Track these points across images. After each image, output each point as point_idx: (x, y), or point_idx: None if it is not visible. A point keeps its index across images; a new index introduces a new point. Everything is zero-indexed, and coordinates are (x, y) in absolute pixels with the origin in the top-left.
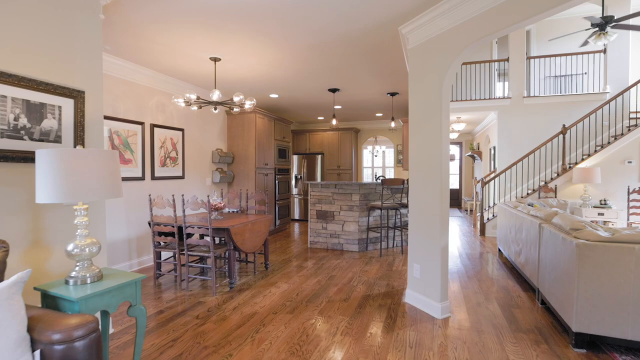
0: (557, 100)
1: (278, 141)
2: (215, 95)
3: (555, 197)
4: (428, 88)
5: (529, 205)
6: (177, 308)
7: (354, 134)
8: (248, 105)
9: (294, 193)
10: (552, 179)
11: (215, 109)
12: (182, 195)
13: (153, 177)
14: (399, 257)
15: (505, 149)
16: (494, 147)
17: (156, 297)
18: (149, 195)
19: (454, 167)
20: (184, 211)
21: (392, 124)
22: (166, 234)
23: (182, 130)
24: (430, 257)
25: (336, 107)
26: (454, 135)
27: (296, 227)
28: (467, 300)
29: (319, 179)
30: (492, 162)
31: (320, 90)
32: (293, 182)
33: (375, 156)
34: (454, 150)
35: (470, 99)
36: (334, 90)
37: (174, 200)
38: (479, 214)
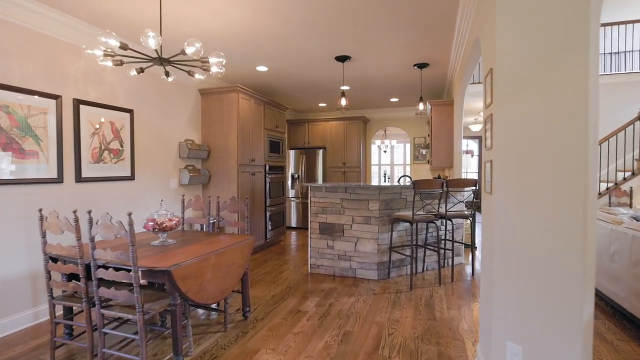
0: (618, 80)
1: (269, 131)
2: (152, 41)
3: (631, 203)
4: (549, 11)
5: (634, 218)
6: None
7: (362, 124)
8: (215, 66)
9: (290, 196)
10: (624, 179)
11: (167, 74)
12: (89, 212)
13: (79, 179)
14: (438, 291)
15: None
16: None
17: None
18: (39, 210)
19: (473, 164)
20: (92, 239)
21: (420, 107)
22: (71, 276)
23: (130, 111)
24: (551, 337)
25: (343, 87)
26: (476, 128)
27: (293, 237)
28: None
29: (320, 179)
30: None
31: (324, 58)
32: (289, 182)
33: (384, 152)
34: (472, 146)
35: None
36: (343, 59)
37: (76, 220)
38: None
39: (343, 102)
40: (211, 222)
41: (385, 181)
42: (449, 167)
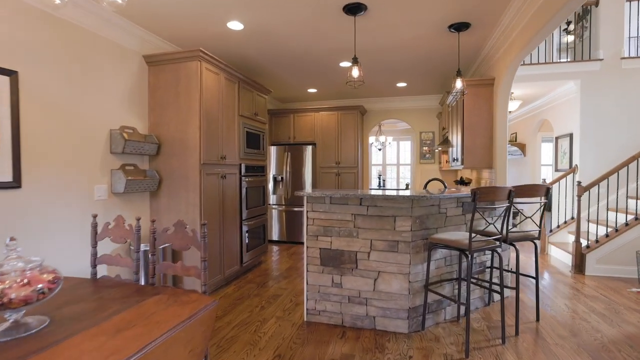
0: None
1: (246, 119)
2: None
3: None
4: None
5: None
6: None
7: (360, 115)
8: None
9: (272, 203)
10: None
11: None
12: None
13: None
14: (506, 355)
15: (592, 137)
16: (571, 135)
17: None
18: None
19: None
20: None
21: (458, 84)
22: None
23: (11, 74)
24: None
25: (343, 64)
26: None
27: (276, 256)
28: None
29: (307, 183)
30: (555, 157)
31: (327, 5)
32: (270, 185)
33: (379, 149)
34: None
35: (536, 63)
36: (355, 10)
37: None
38: (549, 232)
39: (355, 72)
40: (139, 260)
41: (381, 185)
42: (486, 167)
